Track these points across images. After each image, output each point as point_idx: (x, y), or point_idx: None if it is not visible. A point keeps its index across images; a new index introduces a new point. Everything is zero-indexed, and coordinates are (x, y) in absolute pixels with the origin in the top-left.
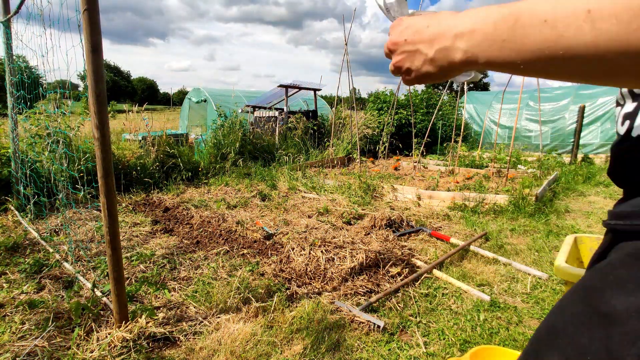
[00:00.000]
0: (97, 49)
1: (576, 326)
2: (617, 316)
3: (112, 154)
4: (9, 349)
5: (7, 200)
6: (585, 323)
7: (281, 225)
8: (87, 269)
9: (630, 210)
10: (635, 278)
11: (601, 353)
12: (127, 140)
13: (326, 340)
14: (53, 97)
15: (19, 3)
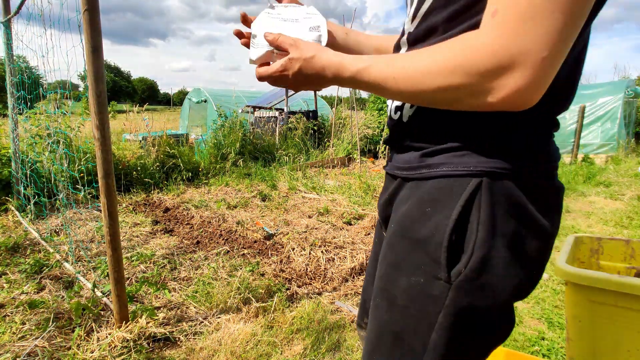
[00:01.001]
0: (97, 49)
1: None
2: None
3: (112, 154)
4: (9, 349)
5: (7, 201)
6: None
7: (281, 226)
8: (87, 269)
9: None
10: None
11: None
12: (128, 141)
13: (326, 340)
14: (53, 97)
15: (20, 3)
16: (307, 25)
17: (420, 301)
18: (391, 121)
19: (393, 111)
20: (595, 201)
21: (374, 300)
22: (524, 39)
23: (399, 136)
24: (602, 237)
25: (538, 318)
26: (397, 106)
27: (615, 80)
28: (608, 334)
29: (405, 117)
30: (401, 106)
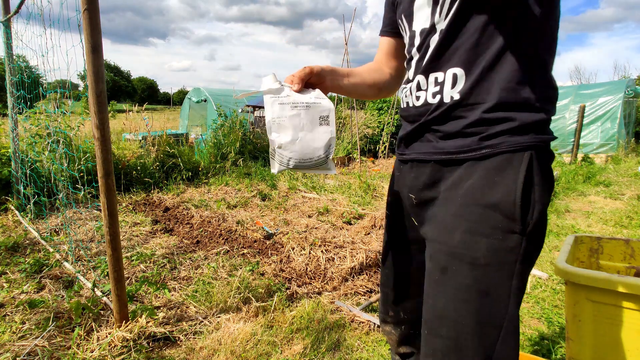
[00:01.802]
0: (97, 48)
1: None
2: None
3: (112, 154)
4: (9, 348)
5: (7, 200)
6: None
7: (281, 225)
8: (87, 269)
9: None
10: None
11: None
12: (127, 140)
13: (326, 340)
14: (53, 96)
15: (19, 3)
16: (317, 113)
17: (501, 256)
18: (422, 109)
19: (430, 96)
20: (595, 201)
21: (446, 273)
22: None
23: (439, 123)
24: (601, 237)
25: (538, 318)
26: (434, 92)
27: (615, 80)
28: (608, 334)
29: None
30: (441, 90)
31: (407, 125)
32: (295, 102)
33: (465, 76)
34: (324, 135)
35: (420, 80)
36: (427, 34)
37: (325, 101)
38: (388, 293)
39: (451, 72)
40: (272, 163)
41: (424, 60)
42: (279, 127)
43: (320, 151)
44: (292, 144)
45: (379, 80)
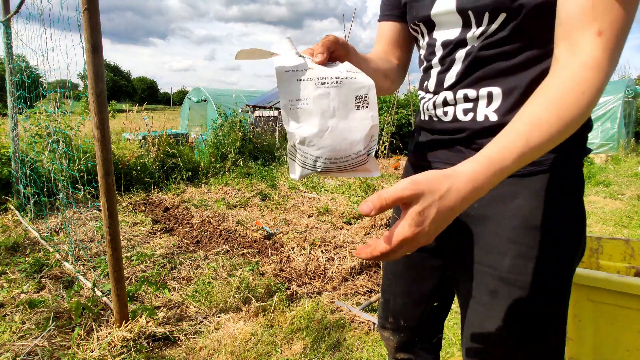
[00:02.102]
0: (97, 48)
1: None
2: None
3: (112, 154)
4: (9, 348)
5: (7, 200)
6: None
7: (281, 225)
8: (87, 269)
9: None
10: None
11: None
12: (127, 140)
13: (326, 339)
14: (53, 96)
15: (19, 3)
16: (352, 92)
17: (553, 280)
18: (450, 125)
19: (460, 113)
20: (594, 201)
21: (497, 295)
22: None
23: (473, 140)
24: (601, 237)
25: None
26: (466, 109)
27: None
28: (608, 333)
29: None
30: (474, 107)
31: (429, 134)
32: (321, 77)
33: (502, 95)
34: (363, 122)
35: (447, 96)
36: (455, 47)
37: (362, 76)
38: (389, 300)
39: (486, 90)
40: (291, 165)
41: (450, 73)
42: (300, 113)
43: (360, 145)
44: (320, 137)
45: (390, 72)
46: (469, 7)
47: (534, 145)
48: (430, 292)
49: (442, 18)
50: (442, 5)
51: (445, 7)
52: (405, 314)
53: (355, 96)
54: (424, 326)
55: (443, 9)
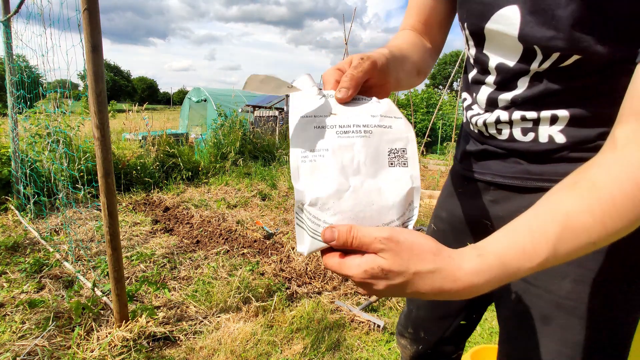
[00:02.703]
0: (97, 48)
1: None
2: None
3: (112, 154)
4: (9, 348)
5: (7, 200)
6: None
7: (281, 225)
8: (87, 269)
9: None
10: None
11: None
12: (127, 140)
13: (326, 339)
14: (53, 96)
15: (19, 2)
16: (385, 144)
17: (617, 309)
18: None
19: (519, 132)
20: None
21: (550, 322)
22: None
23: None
24: None
25: None
26: (524, 128)
27: None
28: None
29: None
30: (534, 127)
31: (479, 143)
32: (344, 124)
33: (570, 117)
34: (398, 183)
35: (501, 116)
36: (515, 76)
37: (400, 123)
38: (412, 310)
39: (549, 112)
40: (298, 235)
41: (505, 95)
42: (313, 167)
43: (392, 213)
44: (338, 199)
45: (423, 64)
46: (535, 43)
47: (561, 255)
48: (458, 310)
49: (498, 38)
50: (502, 25)
51: (505, 29)
52: (427, 327)
53: (389, 149)
54: (444, 342)
55: (501, 29)
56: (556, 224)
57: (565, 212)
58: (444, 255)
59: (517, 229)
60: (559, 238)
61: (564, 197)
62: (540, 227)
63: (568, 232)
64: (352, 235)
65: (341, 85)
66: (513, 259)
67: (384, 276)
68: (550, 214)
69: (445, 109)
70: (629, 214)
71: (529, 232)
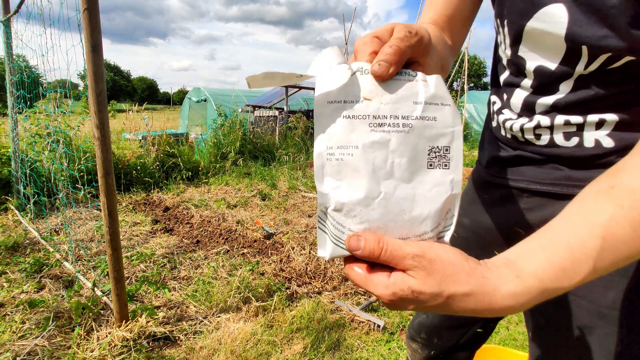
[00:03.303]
0: (97, 48)
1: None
2: None
3: (112, 154)
4: (9, 348)
5: (7, 200)
6: None
7: (281, 225)
8: (87, 269)
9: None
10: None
11: None
12: (127, 140)
13: (326, 339)
14: (53, 96)
15: (19, 2)
16: (426, 141)
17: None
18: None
19: (561, 138)
20: None
21: (592, 332)
22: None
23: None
24: None
25: None
26: (567, 132)
27: None
28: None
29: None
30: (578, 132)
31: (511, 149)
32: (380, 114)
33: (618, 120)
34: (436, 189)
35: (542, 121)
36: (556, 80)
37: (446, 112)
38: (429, 314)
39: (597, 117)
40: (320, 238)
41: (545, 100)
42: (341, 166)
43: (427, 224)
44: (366, 206)
45: (445, 59)
46: (584, 43)
47: (599, 270)
48: (475, 319)
49: (539, 37)
50: (546, 23)
51: (549, 28)
52: (441, 334)
53: (429, 147)
54: (459, 348)
55: (545, 28)
56: (596, 239)
57: (604, 225)
58: (479, 276)
59: (555, 244)
60: (599, 254)
61: (602, 205)
62: (580, 243)
63: (607, 246)
64: (380, 247)
65: (381, 57)
66: (553, 280)
67: (414, 298)
68: (588, 227)
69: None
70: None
71: (567, 249)
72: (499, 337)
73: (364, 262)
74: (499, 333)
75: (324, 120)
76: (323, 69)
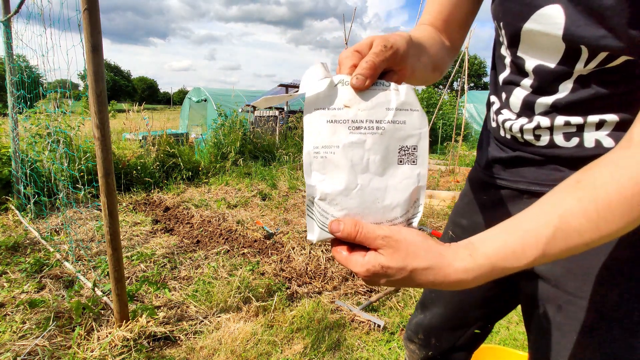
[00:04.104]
0: (97, 48)
1: None
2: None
3: (112, 154)
4: (10, 348)
5: (7, 200)
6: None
7: (281, 225)
8: (87, 269)
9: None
10: None
11: None
12: (128, 140)
13: (327, 339)
14: (53, 96)
15: (19, 2)
16: (396, 141)
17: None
18: (545, 150)
19: (561, 138)
20: None
21: (593, 333)
22: None
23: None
24: None
25: None
26: (567, 133)
27: None
28: None
29: (602, 147)
30: (579, 132)
31: (510, 150)
32: (357, 119)
33: (617, 122)
34: (405, 182)
35: (542, 122)
36: (556, 79)
37: (417, 116)
38: (426, 318)
39: (597, 117)
40: (309, 224)
41: (545, 100)
42: (325, 163)
43: (397, 211)
44: (346, 196)
45: (441, 61)
46: (582, 43)
47: (551, 255)
48: (474, 320)
49: (536, 39)
50: (543, 25)
51: (546, 29)
52: (439, 335)
53: (399, 147)
54: (456, 349)
55: (542, 29)
56: (550, 227)
57: (561, 215)
58: (436, 253)
59: (511, 229)
60: (549, 241)
61: (564, 197)
62: (534, 230)
63: (560, 234)
64: (356, 230)
65: (359, 71)
66: (501, 260)
67: (383, 273)
68: (545, 216)
69: (445, 109)
70: (625, 216)
71: (521, 234)
72: (499, 337)
73: (346, 244)
74: (499, 333)
75: (311, 125)
76: (311, 82)
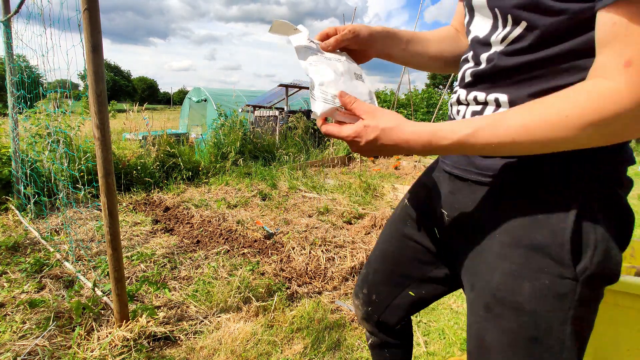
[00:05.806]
0: (97, 48)
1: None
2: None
3: (112, 154)
4: (9, 348)
5: (7, 200)
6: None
7: (281, 225)
8: (87, 269)
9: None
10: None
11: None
12: (128, 140)
13: (327, 339)
14: (53, 96)
15: (19, 2)
16: (352, 68)
17: (549, 302)
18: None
19: (469, 115)
20: None
21: (491, 312)
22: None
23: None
24: None
25: None
26: (474, 111)
27: None
28: (608, 333)
29: None
30: (481, 111)
31: None
32: (327, 56)
33: (509, 104)
34: (363, 85)
35: (461, 95)
36: (481, 48)
37: (354, 64)
38: (370, 273)
39: (494, 96)
40: (313, 104)
41: (471, 71)
42: (319, 67)
43: (366, 96)
44: (336, 83)
45: (448, 53)
46: (495, 5)
47: (479, 138)
48: (410, 280)
49: (479, 10)
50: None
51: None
52: (380, 290)
53: (354, 73)
54: (391, 309)
55: (481, 1)
56: (485, 120)
57: (499, 116)
58: (400, 119)
59: (462, 120)
60: (481, 126)
61: (513, 109)
62: (473, 119)
63: (490, 122)
64: (353, 100)
65: (327, 42)
66: (441, 131)
67: (364, 131)
68: (493, 116)
69: (445, 109)
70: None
71: (463, 121)
72: None
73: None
74: None
75: (302, 53)
76: (300, 37)
